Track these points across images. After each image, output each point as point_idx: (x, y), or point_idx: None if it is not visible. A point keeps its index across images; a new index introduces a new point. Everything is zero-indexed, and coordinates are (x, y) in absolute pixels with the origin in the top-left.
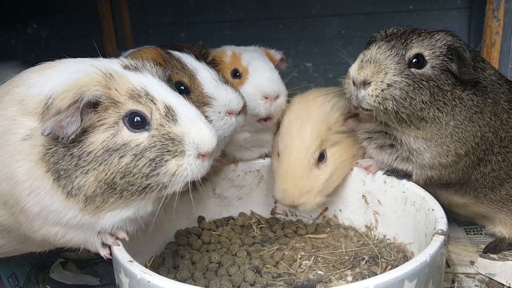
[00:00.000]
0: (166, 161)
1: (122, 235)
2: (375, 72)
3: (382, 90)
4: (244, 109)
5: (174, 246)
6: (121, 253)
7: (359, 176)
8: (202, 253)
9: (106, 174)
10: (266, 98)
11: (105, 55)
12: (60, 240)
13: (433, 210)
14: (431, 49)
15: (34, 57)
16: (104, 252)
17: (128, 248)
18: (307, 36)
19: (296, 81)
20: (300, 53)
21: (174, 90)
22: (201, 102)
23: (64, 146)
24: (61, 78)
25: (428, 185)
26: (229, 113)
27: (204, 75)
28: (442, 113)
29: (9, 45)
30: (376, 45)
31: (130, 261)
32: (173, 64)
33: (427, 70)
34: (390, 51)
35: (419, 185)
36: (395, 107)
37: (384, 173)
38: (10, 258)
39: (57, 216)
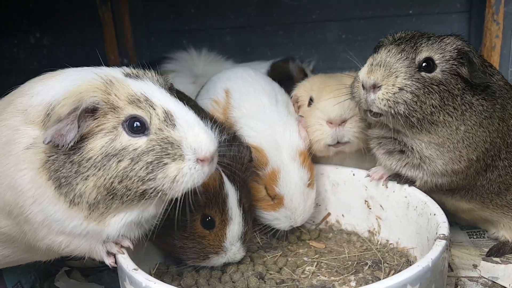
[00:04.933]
0: (165, 164)
1: (127, 243)
2: (386, 76)
3: (393, 94)
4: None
5: None
6: (125, 261)
7: (361, 181)
8: None
9: (104, 179)
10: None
11: (107, 62)
12: (64, 249)
13: (435, 214)
14: (441, 53)
15: (37, 65)
16: (109, 261)
17: (133, 256)
18: (308, 41)
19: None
20: (301, 58)
21: (175, 97)
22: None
23: (64, 153)
24: (62, 86)
25: (434, 191)
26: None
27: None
28: (452, 117)
29: (12, 53)
30: (385, 48)
31: (134, 269)
32: (215, 201)
33: (437, 74)
34: (400, 54)
35: (422, 191)
36: (406, 111)
37: (386, 178)
38: (15, 267)
39: (61, 225)
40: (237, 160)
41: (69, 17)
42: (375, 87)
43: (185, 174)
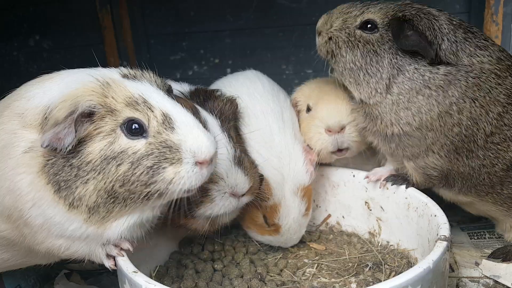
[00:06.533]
0: (164, 168)
1: (127, 245)
2: (324, 23)
3: (325, 42)
4: (250, 190)
5: (178, 255)
6: (125, 264)
7: (361, 182)
8: (206, 262)
9: (105, 183)
10: None
11: (107, 66)
12: (64, 252)
13: (435, 216)
14: (382, 18)
15: (37, 68)
16: (109, 263)
17: (132, 258)
18: (307, 43)
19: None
20: (300, 60)
21: (173, 99)
22: (210, 178)
23: (63, 157)
24: (59, 89)
25: (435, 184)
26: (233, 194)
27: (221, 151)
28: (375, 79)
29: (12, 57)
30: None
31: (134, 271)
32: None
33: (372, 35)
34: (347, 9)
35: (420, 188)
36: (333, 61)
37: (383, 179)
38: (15, 270)
39: (60, 228)
40: (220, 111)
41: (69, 20)
42: (318, 32)
43: (182, 177)
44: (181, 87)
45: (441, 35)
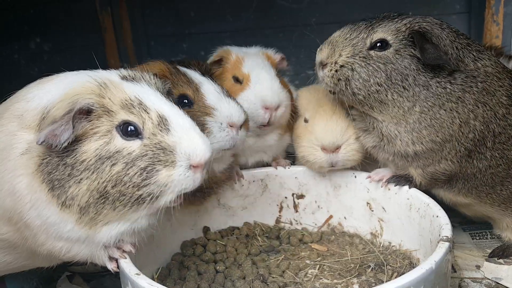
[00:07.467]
0: (157, 171)
1: (129, 248)
2: (330, 54)
3: (336, 71)
4: (246, 124)
5: (180, 257)
6: (128, 266)
7: (363, 183)
8: (208, 264)
9: (98, 183)
10: (266, 108)
11: (107, 67)
12: (66, 255)
13: (437, 216)
14: (394, 34)
15: (37, 71)
16: (111, 266)
17: (135, 261)
18: (308, 43)
19: (298, 89)
20: (301, 61)
21: (171, 101)
22: (203, 112)
23: (58, 155)
24: (58, 90)
25: (438, 185)
26: (230, 126)
27: (208, 87)
28: (402, 97)
29: (12, 59)
30: (341, 29)
31: (137, 273)
32: (178, 78)
33: (388, 53)
34: (350, 34)
35: (421, 189)
36: (348, 88)
37: (385, 180)
38: (18, 273)
39: (57, 230)
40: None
41: (69, 22)
42: (322, 64)
43: (173, 180)
44: None
45: (451, 43)
